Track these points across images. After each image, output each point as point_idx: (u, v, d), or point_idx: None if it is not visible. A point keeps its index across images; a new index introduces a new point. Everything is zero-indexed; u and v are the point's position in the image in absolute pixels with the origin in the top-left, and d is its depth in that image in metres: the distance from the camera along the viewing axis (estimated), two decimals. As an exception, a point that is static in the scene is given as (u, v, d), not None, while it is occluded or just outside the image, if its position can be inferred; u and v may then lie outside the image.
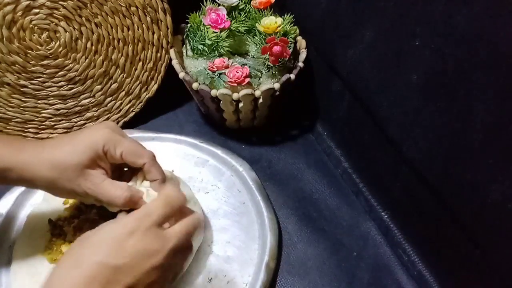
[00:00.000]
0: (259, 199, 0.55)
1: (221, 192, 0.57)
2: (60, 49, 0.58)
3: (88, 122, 0.64)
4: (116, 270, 0.32)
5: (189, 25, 0.60)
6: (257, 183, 0.57)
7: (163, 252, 0.34)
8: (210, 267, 0.49)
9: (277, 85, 0.56)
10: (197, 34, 0.58)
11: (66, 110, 0.62)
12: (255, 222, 0.53)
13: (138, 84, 0.64)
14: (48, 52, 0.57)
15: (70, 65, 0.59)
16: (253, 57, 0.59)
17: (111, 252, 0.32)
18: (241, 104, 0.57)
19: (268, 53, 0.55)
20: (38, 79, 0.59)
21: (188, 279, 0.48)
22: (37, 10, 0.55)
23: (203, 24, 0.58)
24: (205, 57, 0.58)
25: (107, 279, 0.31)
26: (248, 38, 0.59)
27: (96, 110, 0.64)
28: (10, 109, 0.60)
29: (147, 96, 0.65)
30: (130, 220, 0.34)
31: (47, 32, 0.56)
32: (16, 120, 0.61)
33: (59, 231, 0.48)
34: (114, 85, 0.63)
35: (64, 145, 0.40)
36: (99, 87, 0.62)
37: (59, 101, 0.62)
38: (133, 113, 0.66)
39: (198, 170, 0.59)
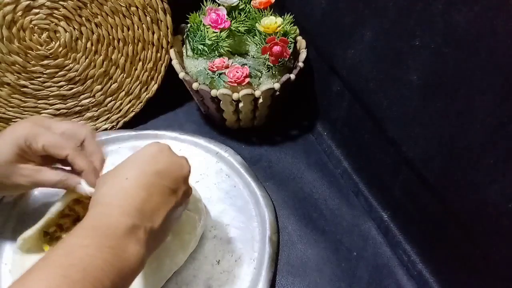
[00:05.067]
0: (250, 180, 0.57)
1: (211, 179, 0.58)
2: (60, 49, 0.58)
3: (88, 122, 0.64)
4: (155, 174, 0.36)
5: (189, 25, 0.60)
6: (244, 165, 0.58)
7: (188, 167, 0.40)
8: (216, 250, 0.51)
9: (277, 85, 0.56)
10: (197, 34, 0.58)
11: (66, 110, 0.62)
12: (249, 202, 0.56)
13: (138, 84, 0.64)
14: (48, 52, 0.57)
15: (70, 65, 0.59)
16: (253, 57, 0.59)
17: (150, 164, 0.37)
18: (241, 104, 0.57)
19: (268, 53, 0.55)
20: (38, 79, 0.59)
21: (196, 265, 0.49)
22: (37, 10, 0.55)
23: (203, 24, 0.58)
24: (205, 57, 0.58)
25: (153, 184, 0.36)
26: (248, 38, 0.59)
27: (96, 110, 0.64)
28: (10, 109, 0.60)
29: (147, 96, 0.65)
30: (153, 145, 0.39)
31: (47, 32, 0.56)
32: (16, 120, 0.61)
33: (57, 242, 0.47)
34: (114, 85, 0.63)
35: None
36: (99, 87, 0.62)
37: (59, 101, 0.62)
38: (133, 113, 0.66)
39: None
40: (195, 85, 0.56)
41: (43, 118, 0.44)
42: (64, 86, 0.61)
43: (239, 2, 0.60)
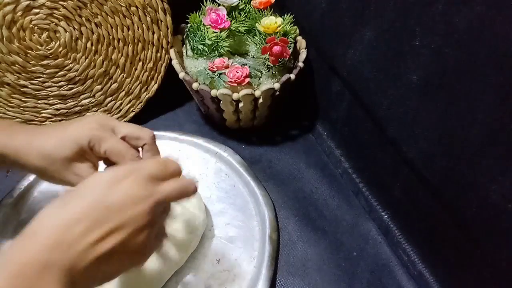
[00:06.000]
0: (249, 179, 0.57)
1: (210, 179, 0.58)
2: (60, 49, 0.58)
3: (88, 122, 0.64)
4: (106, 209, 0.32)
5: (189, 25, 0.60)
6: (243, 165, 0.59)
7: (151, 200, 0.34)
8: (216, 249, 0.51)
9: (277, 85, 0.56)
10: (197, 34, 0.58)
11: (66, 110, 0.62)
12: (249, 202, 0.56)
13: (138, 84, 0.64)
14: (48, 52, 0.57)
15: (70, 65, 0.59)
16: (253, 57, 0.59)
17: (102, 193, 0.33)
18: (241, 104, 0.57)
19: (268, 53, 0.55)
20: (38, 79, 0.59)
21: (196, 264, 0.49)
22: (37, 10, 0.55)
23: (203, 24, 0.58)
24: (205, 57, 0.58)
25: (96, 217, 0.31)
26: (248, 38, 0.59)
27: (96, 110, 0.64)
28: (10, 109, 0.60)
29: (147, 96, 0.65)
30: (122, 169, 0.35)
31: (47, 32, 0.56)
32: (16, 120, 0.61)
33: None
34: (114, 85, 0.63)
35: (52, 137, 0.41)
36: (99, 87, 0.62)
37: (59, 101, 0.62)
38: (133, 113, 0.66)
39: (183, 162, 0.59)
40: (195, 85, 0.56)
41: (107, 118, 0.43)
42: (64, 86, 0.61)
43: (239, 2, 0.60)
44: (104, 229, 0.31)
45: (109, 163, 0.45)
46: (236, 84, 0.55)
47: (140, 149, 0.45)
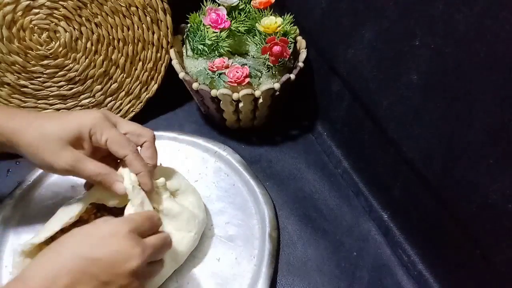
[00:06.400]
0: (248, 178, 0.57)
1: (210, 178, 0.58)
2: (60, 49, 0.58)
3: (88, 122, 0.64)
4: (93, 263, 0.33)
5: (189, 25, 0.60)
6: (243, 164, 0.59)
7: (142, 257, 0.35)
8: (216, 248, 0.51)
9: (277, 85, 0.56)
10: (197, 34, 0.58)
11: (66, 110, 0.62)
12: (248, 200, 0.56)
13: (138, 84, 0.64)
14: (48, 52, 0.57)
15: (70, 65, 0.59)
16: (253, 57, 0.59)
17: (92, 247, 0.33)
18: (241, 104, 0.57)
19: (268, 53, 0.55)
20: (38, 79, 0.59)
21: (196, 263, 0.49)
22: (37, 10, 0.55)
23: (203, 24, 0.58)
24: (205, 57, 0.58)
25: (82, 270, 0.32)
26: (248, 38, 0.59)
27: (96, 110, 0.64)
28: (10, 109, 0.60)
29: (147, 96, 0.65)
30: (113, 222, 0.36)
31: (47, 32, 0.56)
32: (16, 120, 0.61)
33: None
34: (114, 85, 0.63)
35: (54, 119, 0.42)
36: (99, 87, 0.62)
37: (59, 101, 0.62)
38: (133, 113, 0.66)
39: (182, 162, 0.60)
40: (195, 85, 0.56)
41: (112, 114, 0.45)
42: (64, 86, 0.61)
43: (239, 2, 0.60)
44: (91, 284, 0.32)
45: (108, 160, 0.45)
46: (236, 84, 0.55)
47: (138, 147, 0.45)
